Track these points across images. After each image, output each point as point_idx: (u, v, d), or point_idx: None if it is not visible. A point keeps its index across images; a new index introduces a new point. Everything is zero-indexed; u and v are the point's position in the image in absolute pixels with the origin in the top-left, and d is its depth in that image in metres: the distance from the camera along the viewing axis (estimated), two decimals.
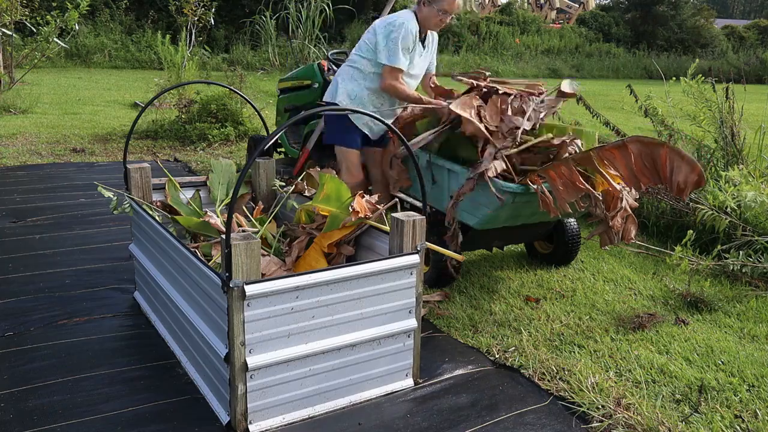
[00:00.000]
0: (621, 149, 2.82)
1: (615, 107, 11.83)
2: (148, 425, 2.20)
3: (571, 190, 2.90)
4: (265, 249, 2.89)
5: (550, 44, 22.30)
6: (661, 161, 2.73)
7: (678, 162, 2.69)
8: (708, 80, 4.77)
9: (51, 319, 2.95)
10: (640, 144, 2.79)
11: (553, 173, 2.92)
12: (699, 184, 2.69)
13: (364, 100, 3.57)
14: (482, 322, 3.08)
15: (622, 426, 2.28)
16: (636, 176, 2.83)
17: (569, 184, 2.89)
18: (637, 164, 2.80)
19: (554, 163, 2.93)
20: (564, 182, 2.90)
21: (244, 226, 2.93)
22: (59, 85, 10.94)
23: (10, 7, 8.61)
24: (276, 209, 3.16)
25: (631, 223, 3.08)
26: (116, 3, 15.63)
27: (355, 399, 2.37)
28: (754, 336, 3.07)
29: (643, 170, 2.80)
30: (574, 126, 3.72)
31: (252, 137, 5.74)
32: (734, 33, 26.65)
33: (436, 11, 3.41)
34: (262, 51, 15.26)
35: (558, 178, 2.91)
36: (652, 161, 2.76)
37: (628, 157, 2.81)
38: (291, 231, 2.96)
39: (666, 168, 2.72)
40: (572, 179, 2.88)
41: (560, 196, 2.91)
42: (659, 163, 2.74)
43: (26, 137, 6.88)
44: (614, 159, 2.86)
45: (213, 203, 3.18)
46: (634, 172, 2.82)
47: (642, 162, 2.79)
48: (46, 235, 4.05)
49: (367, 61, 3.51)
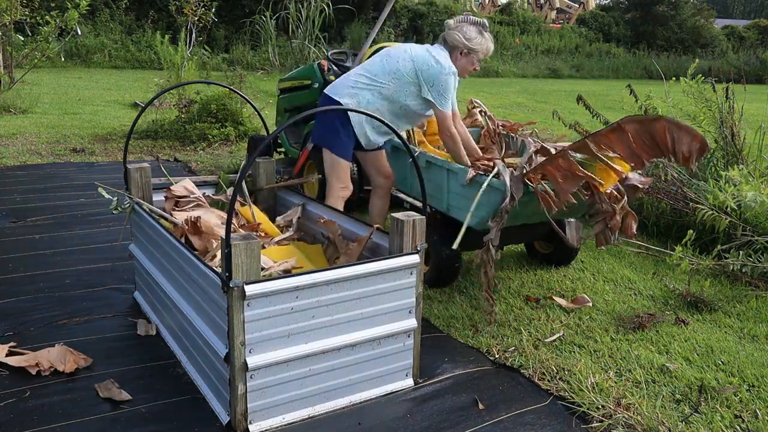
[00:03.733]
0: (617, 131, 2.81)
1: (615, 107, 11.83)
2: (148, 425, 2.20)
3: (571, 180, 2.88)
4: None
5: (550, 44, 22.30)
6: (660, 135, 2.72)
7: (678, 133, 2.69)
8: (708, 80, 4.77)
9: (51, 319, 2.95)
10: (635, 123, 2.77)
11: (551, 167, 2.91)
12: (703, 151, 2.67)
13: (385, 116, 3.43)
14: (482, 322, 3.08)
15: (622, 426, 2.28)
16: (637, 154, 2.81)
17: (568, 175, 2.88)
18: (637, 143, 2.78)
19: (551, 157, 2.91)
20: (563, 174, 2.88)
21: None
22: (59, 85, 10.94)
23: (10, 7, 8.61)
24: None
25: (631, 219, 3.07)
26: (116, 3, 15.62)
27: (355, 399, 2.37)
28: (754, 336, 3.07)
29: (643, 147, 2.78)
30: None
31: (252, 137, 5.74)
32: (734, 33, 26.64)
33: (473, 60, 3.45)
34: (262, 51, 15.25)
35: (556, 170, 2.90)
36: (651, 137, 2.75)
37: (625, 138, 2.80)
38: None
39: (667, 141, 2.71)
40: (571, 169, 2.86)
41: (561, 188, 2.89)
42: (659, 138, 2.73)
43: (26, 137, 6.88)
44: (611, 142, 2.84)
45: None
46: (634, 150, 2.81)
47: (641, 139, 2.77)
48: (46, 235, 4.05)
49: (392, 80, 3.37)
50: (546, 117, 9.90)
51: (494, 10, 24.27)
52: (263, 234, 2.94)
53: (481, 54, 3.44)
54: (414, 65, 3.35)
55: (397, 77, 3.37)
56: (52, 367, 2.50)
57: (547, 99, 13.03)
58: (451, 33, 3.41)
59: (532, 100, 12.66)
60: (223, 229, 2.42)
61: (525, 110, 11.14)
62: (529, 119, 9.76)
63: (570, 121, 5.44)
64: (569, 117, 6.48)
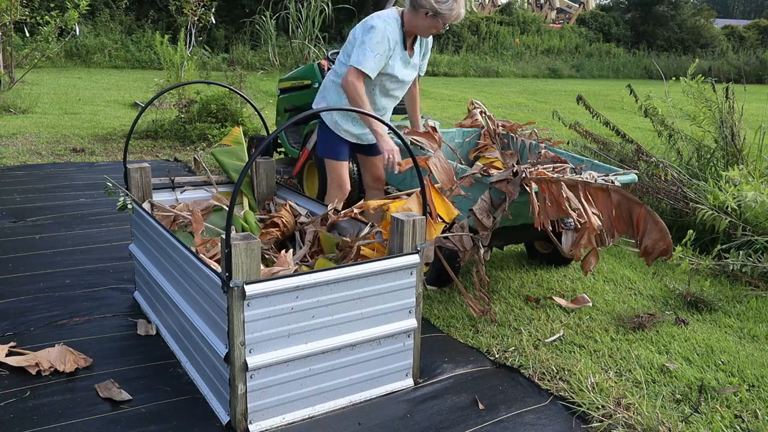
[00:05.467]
0: (605, 193, 2.88)
1: (615, 107, 11.84)
2: (148, 425, 2.20)
3: (555, 208, 2.92)
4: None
5: (550, 44, 22.30)
6: (636, 219, 2.80)
7: (651, 226, 2.76)
8: (708, 80, 4.77)
9: (51, 319, 2.95)
10: (620, 196, 2.85)
11: (544, 186, 2.93)
12: (665, 254, 2.75)
13: (343, 112, 3.37)
14: (482, 322, 3.08)
15: (622, 426, 2.28)
16: (612, 223, 2.89)
17: (555, 203, 2.91)
18: (617, 213, 2.87)
19: (548, 178, 2.92)
20: (551, 199, 2.91)
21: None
22: (59, 85, 10.94)
23: (10, 7, 8.61)
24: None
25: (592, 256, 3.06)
26: (116, 3, 15.62)
27: (355, 399, 2.37)
28: (754, 336, 3.07)
29: (619, 220, 2.87)
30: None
31: (252, 137, 5.74)
32: (734, 33, 26.63)
33: (438, 23, 3.17)
34: (262, 51, 15.25)
35: (547, 192, 2.92)
36: (629, 216, 2.83)
37: (609, 202, 2.86)
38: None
39: (640, 227, 2.79)
40: (559, 200, 2.89)
41: (544, 209, 2.93)
42: (634, 219, 2.81)
43: (26, 137, 6.88)
44: (597, 199, 2.91)
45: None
46: (611, 219, 2.88)
47: (621, 212, 2.86)
48: (46, 235, 4.05)
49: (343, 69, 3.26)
50: (546, 117, 9.90)
51: (494, 10, 24.27)
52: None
53: (449, 19, 3.19)
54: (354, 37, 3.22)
55: (343, 61, 3.28)
56: (52, 367, 2.50)
57: (547, 99, 13.03)
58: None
59: (532, 100, 12.66)
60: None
61: (525, 110, 11.14)
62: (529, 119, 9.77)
63: (570, 121, 5.44)
64: (569, 117, 6.48)
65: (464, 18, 21.28)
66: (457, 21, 3.25)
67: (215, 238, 2.92)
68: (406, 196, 2.72)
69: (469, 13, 21.96)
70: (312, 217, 3.01)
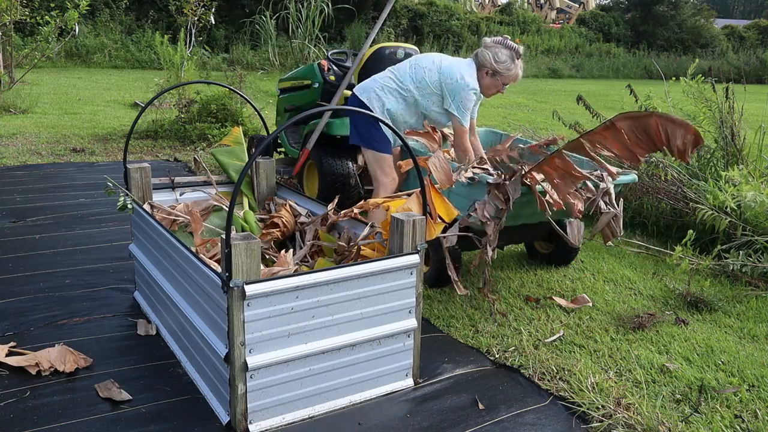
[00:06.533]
0: (611, 129, 2.85)
1: (615, 107, 11.83)
2: (148, 425, 2.20)
3: (568, 180, 2.91)
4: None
5: (550, 44, 22.29)
6: (653, 131, 2.77)
7: (671, 127, 2.72)
8: (708, 80, 4.77)
9: (51, 319, 2.95)
10: (628, 120, 2.82)
11: (548, 168, 2.93)
12: (697, 143, 2.71)
13: (398, 117, 3.64)
14: (482, 322, 3.08)
15: (622, 426, 2.28)
16: (631, 150, 2.86)
17: (565, 175, 2.91)
18: (631, 139, 2.83)
19: (548, 158, 2.93)
20: (560, 174, 2.92)
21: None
22: (59, 85, 10.94)
23: (10, 7, 8.60)
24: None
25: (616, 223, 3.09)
26: (116, 3, 15.61)
27: (355, 399, 2.37)
28: (754, 336, 3.07)
29: (638, 143, 2.83)
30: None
31: (252, 137, 5.74)
32: (734, 33, 26.62)
33: (498, 83, 3.54)
34: (262, 51, 15.24)
35: (554, 170, 2.92)
36: (645, 133, 2.79)
37: (619, 135, 2.84)
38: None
39: (661, 135, 2.75)
40: (567, 169, 2.89)
41: (559, 189, 2.92)
42: (653, 133, 2.77)
43: (26, 137, 6.87)
44: (605, 140, 2.89)
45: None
46: (629, 147, 2.85)
47: (635, 136, 2.82)
48: (46, 235, 4.05)
49: (416, 89, 3.55)
50: (546, 117, 9.90)
51: (494, 10, 24.26)
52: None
53: (508, 79, 3.54)
54: (440, 77, 3.50)
55: (421, 86, 3.54)
56: (52, 367, 2.50)
57: (547, 99, 13.02)
58: (483, 51, 3.53)
59: (532, 100, 12.65)
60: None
61: (525, 110, 11.14)
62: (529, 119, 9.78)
63: (570, 121, 5.44)
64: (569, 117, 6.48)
65: (464, 18, 21.19)
66: (515, 82, 3.57)
67: (215, 238, 2.93)
68: (406, 196, 2.73)
69: (469, 13, 21.97)
70: (312, 217, 3.02)
